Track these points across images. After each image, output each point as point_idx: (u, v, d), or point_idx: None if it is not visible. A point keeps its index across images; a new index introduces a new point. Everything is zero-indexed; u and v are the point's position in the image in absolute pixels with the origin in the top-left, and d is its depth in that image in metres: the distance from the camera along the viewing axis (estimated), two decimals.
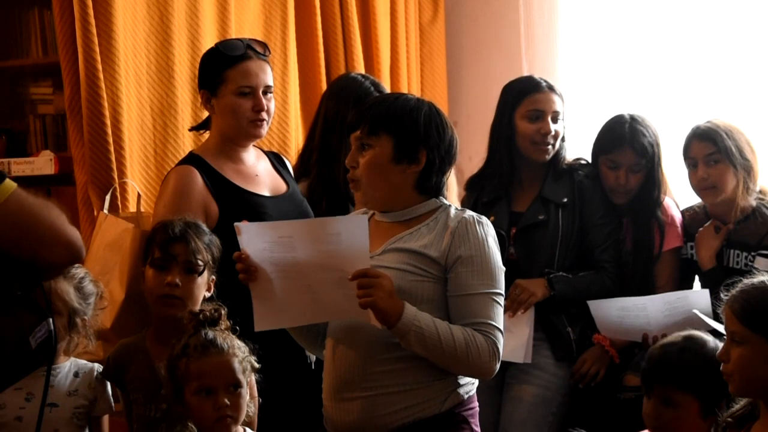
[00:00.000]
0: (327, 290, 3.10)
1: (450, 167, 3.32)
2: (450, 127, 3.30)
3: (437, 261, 3.16)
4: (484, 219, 3.25)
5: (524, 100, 4.56)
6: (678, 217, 4.61)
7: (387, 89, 4.85)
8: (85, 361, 3.72)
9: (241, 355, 3.28)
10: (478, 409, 3.31)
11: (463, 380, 3.23)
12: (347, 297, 3.04)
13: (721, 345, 3.07)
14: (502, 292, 3.22)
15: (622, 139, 4.50)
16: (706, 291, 4.24)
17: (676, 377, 3.17)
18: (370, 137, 3.22)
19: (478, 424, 3.29)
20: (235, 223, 3.18)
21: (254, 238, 3.14)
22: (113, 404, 3.73)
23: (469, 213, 3.25)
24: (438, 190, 3.29)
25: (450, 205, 3.30)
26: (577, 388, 4.39)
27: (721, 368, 2.91)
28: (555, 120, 4.53)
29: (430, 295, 3.16)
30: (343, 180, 4.29)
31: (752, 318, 2.82)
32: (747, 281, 2.91)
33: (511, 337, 4.29)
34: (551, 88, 4.58)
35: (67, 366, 3.66)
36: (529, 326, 4.37)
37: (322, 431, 3.30)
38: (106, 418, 3.74)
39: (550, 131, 4.50)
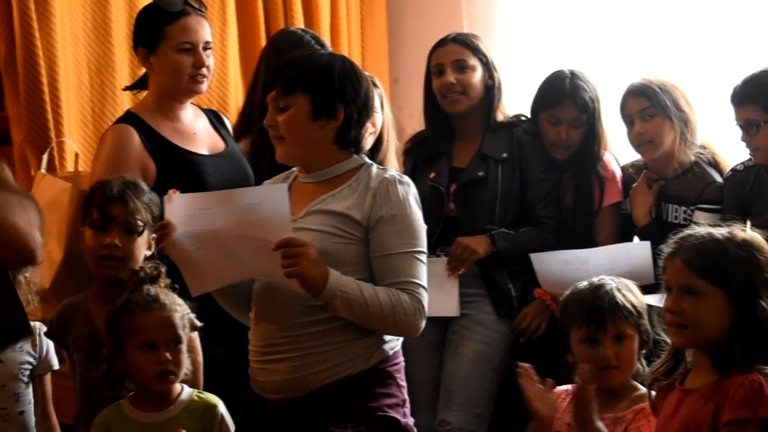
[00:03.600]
0: (250, 257, 3.12)
1: (368, 119, 3.33)
2: (365, 79, 3.32)
3: (360, 223, 3.17)
4: (406, 178, 3.26)
5: (431, 58, 4.60)
6: (618, 173, 4.63)
7: (328, 43, 4.83)
8: None
9: (182, 312, 3.30)
10: (403, 364, 3.32)
11: (388, 336, 3.25)
12: (271, 263, 3.05)
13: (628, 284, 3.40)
14: (425, 250, 3.25)
15: (563, 94, 4.51)
16: (647, 243, 4.27)
17: (626, 314, 3.30)
18: (287, 97, 3.22)
19: (404, 378, 3.31)
20: (165, 197, 3.20)
21: (179, 210, 3.16)
22: (56, 363, 3.72)
23: (390, 172, 3.27)
24: (358, 144, 3.30)
25: (372, 164, 3.31)
26: (519, 343, 4.41)
27: (667, 320, 2.93)
28: (461, 69, 4.52)
29: (353, 258, 3.17)
30: None
31: (712, 271, 2.82)
32: (693, 233, 2.92)
33: (442, 293, 4.31)
34: (454, 39, 4.57)
35: None
36: (457, 280, 4.38)
37: (249, 392, 3.31)
38: (48, 377, 3.74)
39: (447, 82, 4.49)
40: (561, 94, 4.52)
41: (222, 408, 3.37)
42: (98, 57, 4.85)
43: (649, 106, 4.43)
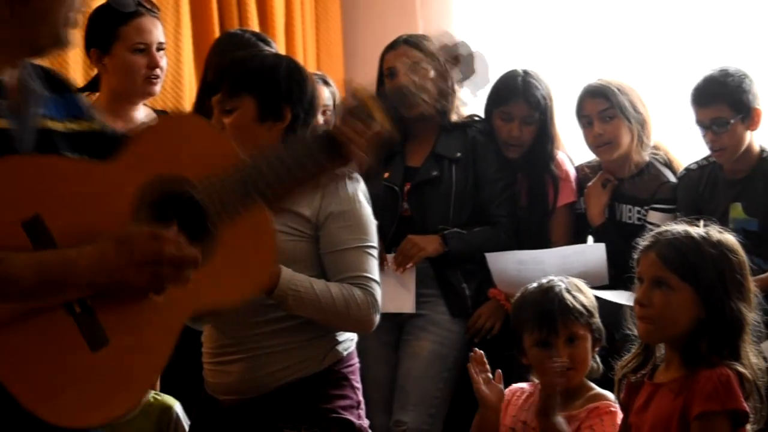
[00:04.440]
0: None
1: (314, 119, 3.33)
2: (311, 79, 3.31)
3: (309, 219, 3.17)
4: (354, 174, 3.26)
5: (383, 60, 4.61)
6: (572, 173, 4.66)
7: (283, 44, 4.82)
8: None
9: None
10: (358, 365, 3.33)
11: (342, 337, 3.25)
12: None
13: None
14: (375, 245, 3.26)
15: (516, 91, 4.54)
16: (602, 245, 4.30)
17: (577, 314, 3.30)
18: (232, 99, 3.20)
19: (359, 380, 3.31)
20: None
21: None
22: None
23: (338, 169, 3.27)
24: None
25: None
26: (473, 343, 4.41)
27: (637, 313, 2.96)
28: (414, 71, 4.51)
29: (303, 255, 3.17)
30: None
31: (684, 267, 2.86)
32: (671, 229, 2.97)
33: (399, 289, 4.32)
34: (406, 41, 4.58)
35: None
36: (414, 277, 4.39)
37: (203, 394, 3.30)
38: None
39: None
40: (513, 90, 4.54)
41: (178, 409, 3.35)
42: (51, 58, 4.80)
43: (609, 107, 4.46)
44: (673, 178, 4.50)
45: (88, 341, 2.11)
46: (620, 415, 3.13)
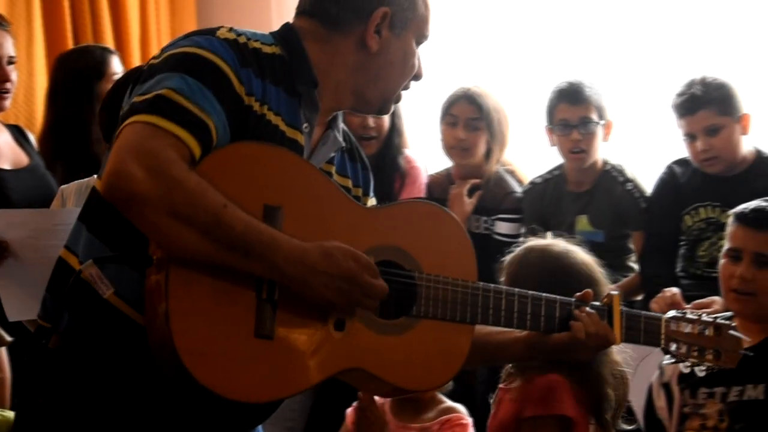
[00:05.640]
0: None
1: None
2: None
3: None
4: None
5: None
6: (422, 170, 4.67)
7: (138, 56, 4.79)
8: None
9: None
10: None
11: None
12: None
13: None
14: None
15: None
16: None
17: None
18: None
19: None
20: None
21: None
22: None
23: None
24: None
25: None
26: None
27: None
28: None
29: None
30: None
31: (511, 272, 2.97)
32: (531, 242, 3.05)
33: None
34: None
35: None
36: None
37: None
38: None
39: None
40: None
41: None
42: None
43: (478, 117, 4.49)
44: (518, 188, 4.57)
45: (256, 326, 2.14)
46: (471, 427, 3.18)
